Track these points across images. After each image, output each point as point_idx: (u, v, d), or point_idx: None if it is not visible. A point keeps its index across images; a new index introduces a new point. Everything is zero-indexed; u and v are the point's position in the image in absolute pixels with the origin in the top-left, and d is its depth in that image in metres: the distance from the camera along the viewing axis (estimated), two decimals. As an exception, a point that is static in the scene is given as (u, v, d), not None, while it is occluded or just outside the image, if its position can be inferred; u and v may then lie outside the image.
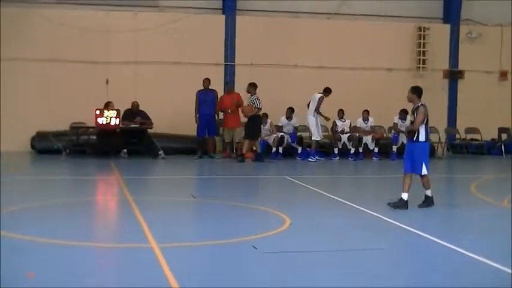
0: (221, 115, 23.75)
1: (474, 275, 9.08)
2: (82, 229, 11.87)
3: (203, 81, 23.36)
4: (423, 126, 13.89)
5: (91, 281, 8.67)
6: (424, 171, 13.96)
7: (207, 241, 10.74)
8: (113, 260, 9.91)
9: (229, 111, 23.14)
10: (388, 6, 27.36)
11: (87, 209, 14.43)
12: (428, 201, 14.14)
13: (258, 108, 22.91)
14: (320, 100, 22.83)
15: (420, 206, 14.01)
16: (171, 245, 10.19)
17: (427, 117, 13.95)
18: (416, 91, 14.09)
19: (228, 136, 23.78)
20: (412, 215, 13.23)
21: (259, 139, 23.33)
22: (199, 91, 23.32)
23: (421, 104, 13.92)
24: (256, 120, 23.01)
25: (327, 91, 23.09)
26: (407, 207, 13.69)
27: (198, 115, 23.18)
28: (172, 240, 10.63)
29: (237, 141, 23.76)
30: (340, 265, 9.56)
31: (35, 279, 8.40)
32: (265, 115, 23.84)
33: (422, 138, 13.96)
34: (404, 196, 13.77)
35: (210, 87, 23.47)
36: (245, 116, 23.39)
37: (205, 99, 23.28)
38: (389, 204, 13.81)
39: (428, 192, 14.17)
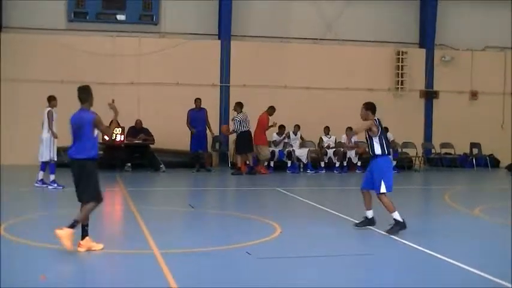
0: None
1: (445, 276, 9.19)
2: (89, 236, 11.82)
3: (195, 100, 23.38)
4: (377, 141, 12.40)
5: (97, 284, 8.64)
6: (382, 189, 12.09)
7: (205, 247, 10.72)
8: (118, 265, 9.91)
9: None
10: (369, 32, 27.43)
11: (93, 218, 14.38)
12: (399, 225, 11.98)
13: (233, 130, 23.04)
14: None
15: (388, 231, 11.93)
16: (172, 251, 10.19)
17: (381, 131, 12.57)
18: (369, 107, 12.83)
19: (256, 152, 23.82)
20: (388, 222, 13.21)
21: (251, 153, 23.29)
22: (190, 110, 23.33)
23: (374, 119, 12.65)
24: (245, 137, 22.96)
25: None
26: (405, 227, 11.98)
27: (192, 130, 23.19)
28: (172, 246, 10.63)
29: (261, 157, 23.82)
30: (327, 270, 9.57)
31: (45, 282, 8.38)
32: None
33: (378, 151, 12.25)
34: (396, 216, 12.03)
35: (201, 106, 23.47)
36: (225, 134, 23.85)
37: (197, 117, 23.29)
38: (388, 231, 11.92)
39: (396, 215, 12.03)
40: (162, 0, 25.77)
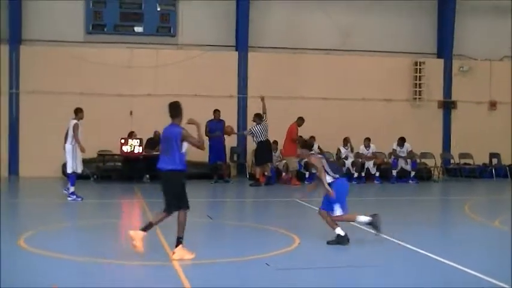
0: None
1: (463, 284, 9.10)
2: (108, 247, 11.87)
3: (214, 112, 23.45)
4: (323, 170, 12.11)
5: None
6: (337, 212, 12.12)
7: (223, 259, 10.71)
8: (137, 276, 9.90)
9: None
10: (386, 42, 27.38)
11: (113, 229, 14.44)
12: (339, 239, 12.00)
13: (249, 133, 23.12)
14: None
15: (329, 242, 12.01)
16: (191, 263, 10.18)
17: (324, 161, 12.29)
18: (305, 145, 12.75)
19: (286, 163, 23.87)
20: (411, 233, 13.15)
21: (270, 165, 23.28)
22: (209, 121, 23.32)
23: (312, 154, 12.52)
24: (263, 148, 22.95)
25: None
26: (348, 241, 11.98)
27: (209, 142, 23.15)
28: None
29: (290, 169, 23.79)
30: (345, 281, 9.52)
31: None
32: (275, 142, 23.89)
33: (329, 180, 12.12)
34: (339, 231, 12.07)
35: (220, 118, 23.52)
36: (228, 135, 23.71)
37: (215, 128, 23.29)
38: (328, 242, 12.02)
39: (339, 231, 12.06)
40: (179, 12, 25.84)
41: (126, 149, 23.01)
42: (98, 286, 8.94)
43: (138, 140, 23.09)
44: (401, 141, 24.82)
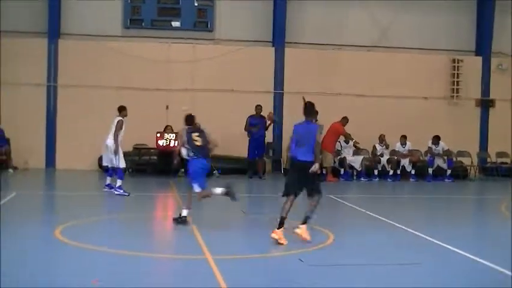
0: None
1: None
2: (144, 240, 11.93)
3: (256, 107, 23.46)
4: (185, 147, 13.86)
5: (154, 286, 8.68)
6: (196, 189, 13.62)
7: (257, 254, 10.72)
8: (171, 269, 9.94)
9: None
10: (424, 39, 27.20)
11: (148, 222, 14.50)
12: (181, 220, 13.44)
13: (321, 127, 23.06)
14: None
15: (174, 219, 13.54)
16: (224, 257, 10.18)
17: (187, 139, 13.96)
18: (186, 120, 14.61)
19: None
20: (446, 232, 13.05)
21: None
22: (250, 116, 23.37)
23: (184, 128, 14.31)
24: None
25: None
26: (187, 223, 13.30)
27: (248, 138, 23.29)
28: (225, 252, 10.63)
29: (325, 165, 23.65)
30: (379, 278, 9.47)
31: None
32: None
33: (185, 156, 13.88)
34: (185, 212, 13.53)
35: (261, 114, 23.52)
36: (269, 120, 23.91)
37: (256, 124, 23.30)
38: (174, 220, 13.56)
39: (185, 212, 13.49)
40: (216, 8, 25.88)
41: (161, 143, 23.10)
42: (131, 279, 8.97)
43: (174, 134, 23.17)
44: (436, 139, 24.76)
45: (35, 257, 10.22)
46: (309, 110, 12.51)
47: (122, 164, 18.09)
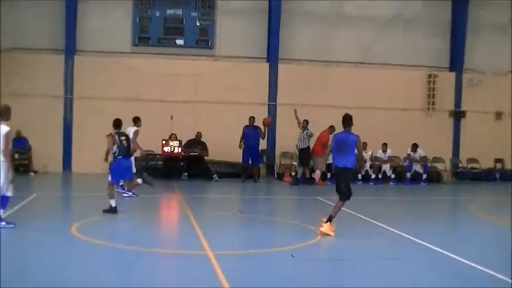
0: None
1: (465, 276, 9.04)
2: (149, 237, 11.95)
3: (249, 118, 23.41)
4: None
5: (155, 282, 8.68)
6: (109, 179, 14.47)
7: (253, 250, 10.73)
8: (175, 264, 9.92)
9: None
10: (403, 57, 27.23)
11: (154, 221, 14.51)
12: (111, 210, 14.04)
13: (310, 135, 23.02)
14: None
15: (104, 211, 14.03)
16: (223, 253, 10.18)
17: (117, 140, 14.50)
18: (114, 124, 14.71)
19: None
20: (422, 229, 13.07)
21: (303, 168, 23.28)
22: (245, 126, 23.35)
23: (111, 134, 14.57)
24: (307, 152, 23.02)
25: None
26: (116, 212, 13.99)
27: (244, 146, 23.19)
28: (224, 248, 10.64)
29: (315, 170, 23.68)
30: (363, 270, 9.51)
31: (107, 279, 8.45)
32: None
33: (112, 156, 14.52)
34: (112, 202, 14.12)
35: (254, 124, 23.50)
36: (266, 125, 23.44)
37: (251, 133, 23.29)
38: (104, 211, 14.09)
39: (112, 202, 14.14)
40: (217, 27, 25.91)
41: (167, 149, 23.19)
42: (137, 273, 8.98)
43: (178, 142, 23.27)
44: (415, 147, 24.92)
45: (52, 252, 10.25)
46: (348, 121, 12.72)
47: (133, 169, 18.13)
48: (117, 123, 15.14)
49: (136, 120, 18.42)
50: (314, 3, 26.72)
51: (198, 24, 25.77)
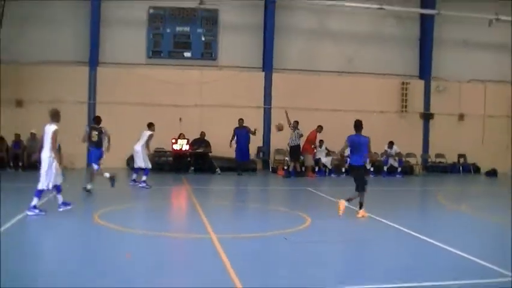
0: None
1: (433, 256, 8.98)
2: (161, 223, 11.91)
3: (238, 120, 23.25)
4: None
5: (167, 262, 8.64)
6: (94, 168, 15.67)
7: (251, 233, 10.70)
8: (183, 246, 9.90)
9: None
10: (380, 67, 27.18)
11: (164, 209, 14.45)
12: (87, 190, 15.37)
13: (301, 135, 22.82)
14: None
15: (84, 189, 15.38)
16: (225, 236, 10.15)
17: (88, 133, 15.58)
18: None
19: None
20: (397, 215, 13.02)
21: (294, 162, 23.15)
22: (236, 128, 23.15)
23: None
24: (297, 149, 22.93)
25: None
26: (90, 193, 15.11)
27: (235, 145, 22.92)
28: (225, 232, 10.61)
29: (306, 164, 23.57)
30: (347, 251, 9.48)
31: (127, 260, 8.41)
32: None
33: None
34: (90, 186, 15.40)
35: (243, 125, 23.25)
36: (279, 129, 22.84)
37: (240, 133, 23.12)
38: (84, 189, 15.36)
39: (90, 185, 15.42)
40: (219, 42, 25.83)
41: (176, 147, 23.14)
42: (149, 255, 8.94)
43: (186, 140, 23.23)
44: (391, 144, 24.88)
45: (78, 236, 10.22)
46: (359, 125, 13.59)
47: (149, 165, 18.14)
48: (97, 120, 16.60)
49: (150, 126, 18.40)
50: (303, 20, 26.68)
51: (203, 39, 25.68)
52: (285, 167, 23.58)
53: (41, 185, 11.95)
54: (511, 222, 11.99)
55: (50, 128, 12.39)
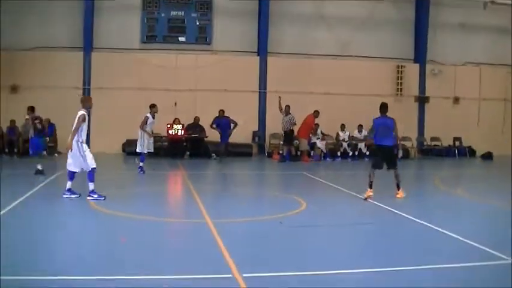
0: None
1: (429, 239, 9.04)
2: (158, 208, 11.93)
3: (219, 111, 23.06)
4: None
5: (164, 246, 8.67)
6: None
7: (246, 218, 10.75)
8: (178, 231, 9.93)
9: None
10: (375, 50, 27.12)
11: (161, 194, 14.47)
12: (39, 171, 15.71)
13: (294, 123, 22.81)
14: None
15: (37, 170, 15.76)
16: (221, 221, 10.18)
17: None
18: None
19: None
20: (392, 199, 13.06)
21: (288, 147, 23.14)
22: (216, 117, 23.05)
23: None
24: (291, 134, 22.90)
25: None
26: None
27: (220, 132, 22.80)
28: (221, 217, 10.64)
29: (301, 148, 23.55)
30: (343, 235, 9.52)
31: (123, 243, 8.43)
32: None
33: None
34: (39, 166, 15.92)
35: (224, 115, 23.05)
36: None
37: (221, 122, 22.94)
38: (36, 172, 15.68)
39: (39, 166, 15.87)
40: (214, 26, 25.77)
41: (171, 132, 23.13)
42: (148, 239, 8.96)
43: (181, 125, 23.22)
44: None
45: (74, 222, 10.24)
46: (384, 108, 13.99)
47: (145, 150, 17.91)
48: (32, 108, 17.38)
49: (151, 107, 18.25)
50: (298, 4, 26.57)
51: (197, 23, 25.58)
52: (280, 151, 23.60)
53: (84, 167, 12.41)
54: (511, 206, 11.99)
55: (78, 114, 12.69)
